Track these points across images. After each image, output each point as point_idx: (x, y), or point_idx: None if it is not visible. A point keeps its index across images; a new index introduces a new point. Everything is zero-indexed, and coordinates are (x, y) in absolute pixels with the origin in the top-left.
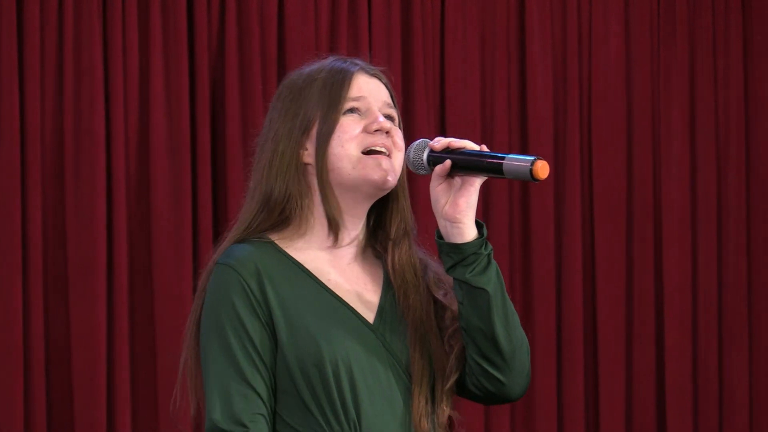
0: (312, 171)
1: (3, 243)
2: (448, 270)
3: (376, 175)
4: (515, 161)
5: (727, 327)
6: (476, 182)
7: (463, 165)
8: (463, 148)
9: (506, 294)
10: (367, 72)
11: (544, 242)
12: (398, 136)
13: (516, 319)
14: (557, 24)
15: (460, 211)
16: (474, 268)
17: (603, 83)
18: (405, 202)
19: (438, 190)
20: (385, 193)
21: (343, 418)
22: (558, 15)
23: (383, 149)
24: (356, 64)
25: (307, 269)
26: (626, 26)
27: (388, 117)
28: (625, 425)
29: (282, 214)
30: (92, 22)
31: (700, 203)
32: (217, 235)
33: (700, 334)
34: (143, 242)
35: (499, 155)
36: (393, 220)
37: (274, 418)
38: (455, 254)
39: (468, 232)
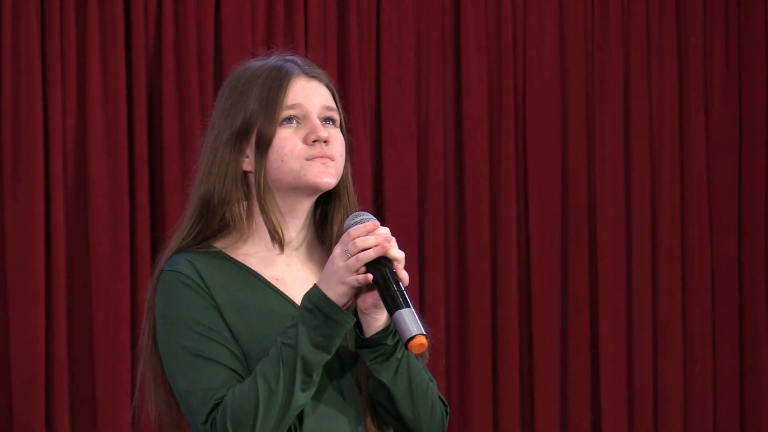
0: (252, 179)
1: None
2: (356, 349)
3: (317, 179)
4: (405, 321)
5: (661, 328)
6: None
7: (375, 282)
8: (396, 260)
9: (415, 373)
10: (307, 74)
11: (480, 243)
12: (338, 142)
13: (425, 395)
14: (492, 25)
15: (367, 308)
16: (376, 357)
17: (538, 85)
18: (349, 200)
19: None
20: (325, 191)
21: None
22: (493, 16)
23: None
24: (296, 66)
25: (254, 271)
26: (561, 28)
27: (329, 119)
28: (560, 427)
29: (222, 221)
30: (30, 24)
31: (634, 205)
32: (154, 235)
33: (634, 335)
34: (81, 243)
35: (402, 303)
36: (335, 218)
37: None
38: (360, 341)
39: (375, 324)
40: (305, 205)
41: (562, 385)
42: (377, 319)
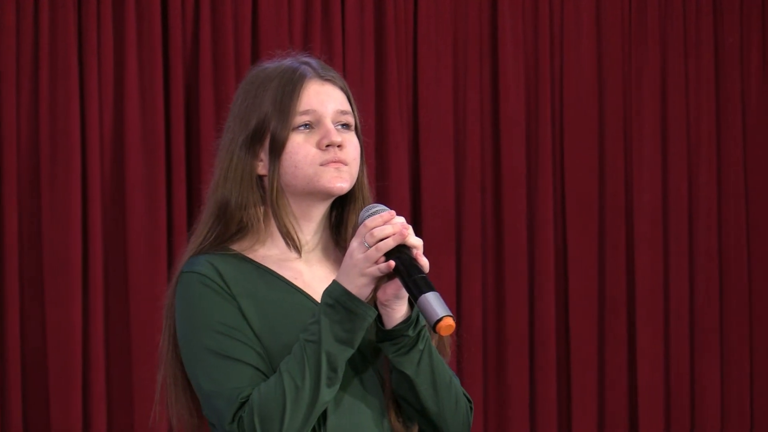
0: (267, 182)
1: None
2: (378, 342)
3: (330, 184)
4: (431, 305)
5: (699, 328)
6: None
7: (397, 270)
8: (414, 247)
9: (438, 366)
10: (321, 77)
11: (517, 243)
12: (352, 146)
13: (449, 388)
14: (529, 25)
15: (387, 299)
16: (398, 350)
17: (575, 84)
18: (364, 203)
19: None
20: (338, 196)
21: None
22: (530, 16)
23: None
24: (310, 68)
25: (272, 271)
26: (598, 27)
27: (343, 123)
28: (597, 427)
29: (240, 224)
30: (67, 24)
31: (671, 205)
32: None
33: (671, 336)
34: (118, 243)
35: (426, 288)
36: (350, 221)
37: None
38: (381, 333)
39: (395, 316)
40: (320, 209)
41: (599, 385)
42: (398, 311)
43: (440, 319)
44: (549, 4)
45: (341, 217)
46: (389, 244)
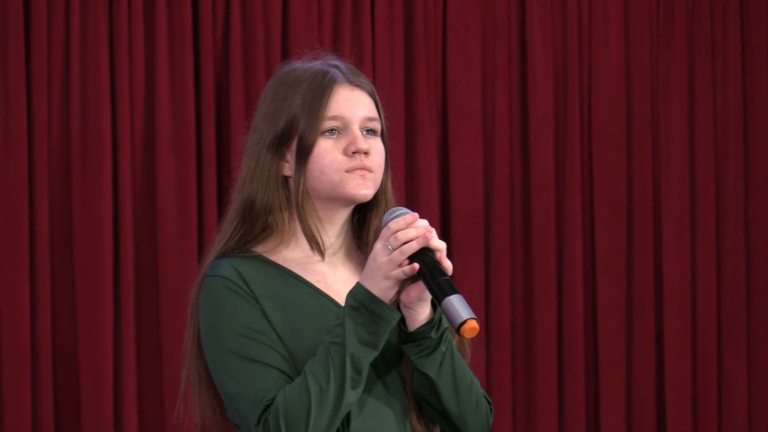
0: (292, 184)
1: (10, 243)
2: (400, 344)
3: (355, 191)
4: (455, 308)
5: (726, 327)
6: None
7: (420, 273)
8: (438, 250)
9: (459, 367)
10: (350, 82)
11: (545, 242)
12: (377, 153)
13: (470, 390)
14: (558, 25)
15: (410, 301)
16: (421, 351)
17: (603, 84)
18: (387, 207)
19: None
20: (362, 202)
21: None
22: (558, 16)
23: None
24: (339, 73)
25: (295, 274)
26: (626, 28)
27: (370, 130)
28: (625, 426)
29: (265, 224)
30: (98, 24)
31: (699, 204)
32: None
33: (699, 335)
34: (149, 242)
35: (449, 290)
36: (372, 226)
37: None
38: (404, 335)
39: (418, 318)
40: (343, 213)
41: (627, 385)
42: (421, 313)
43: (464, 322)
44: (577, 5)
45: (363, 221)
46: (413, 247)
